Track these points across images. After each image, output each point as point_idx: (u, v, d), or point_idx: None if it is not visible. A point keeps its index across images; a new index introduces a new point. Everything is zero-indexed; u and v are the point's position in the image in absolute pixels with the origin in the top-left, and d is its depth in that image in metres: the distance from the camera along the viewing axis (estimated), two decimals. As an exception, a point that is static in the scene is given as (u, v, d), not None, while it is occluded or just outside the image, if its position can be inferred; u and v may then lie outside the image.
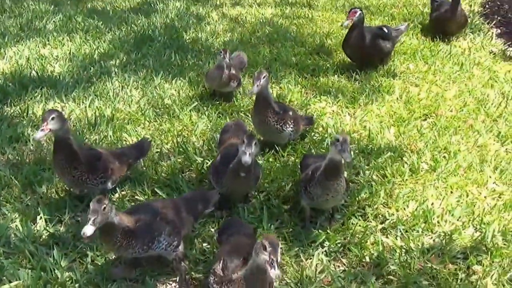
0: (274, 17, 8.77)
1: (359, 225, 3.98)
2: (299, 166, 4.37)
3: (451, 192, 4.37)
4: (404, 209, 4.16)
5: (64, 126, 3.75)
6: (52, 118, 3.63)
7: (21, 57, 6.80)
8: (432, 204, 4.20)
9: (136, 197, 4.22)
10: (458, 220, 4.05)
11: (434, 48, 7.32)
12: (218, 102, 5.69)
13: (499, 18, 8.82)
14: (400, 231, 3.92)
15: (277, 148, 4.79)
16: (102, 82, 6.14)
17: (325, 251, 3.76)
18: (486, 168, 4.68)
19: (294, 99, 5.82)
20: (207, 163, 4.54)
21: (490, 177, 4.57)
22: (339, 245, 3.80)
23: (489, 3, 9.63)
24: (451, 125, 5.34)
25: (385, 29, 6.66)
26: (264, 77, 4.44)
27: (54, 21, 8.19)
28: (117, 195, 4.25)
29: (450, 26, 7.57)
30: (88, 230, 2.91)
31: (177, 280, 3.46)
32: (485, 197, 4.34)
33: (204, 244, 3.75)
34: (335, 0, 9.60)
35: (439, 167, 4.64)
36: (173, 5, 9.28)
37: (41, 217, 3.92)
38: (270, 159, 4.70)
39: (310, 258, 3.68)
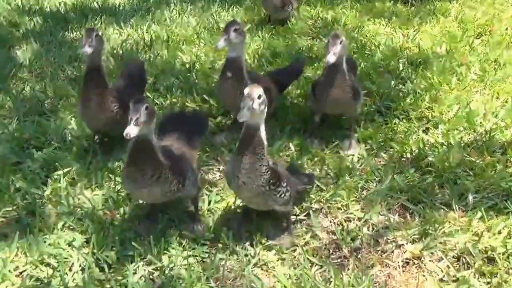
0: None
1: (402, 125, 4.35)
2: None
3: (497, 98, 4.67)
4: (448, 111, 4.49)
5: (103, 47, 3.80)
6: (96, 35, 3.60)
7: (83, -9, 7.40)
8: (477, 107, 4.50)
9: (186, 103, 4.67)
10: (501, 121, 4.35)
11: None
12: (272, 26, 6.14)
13: None
14: (442, 130, 4.26)
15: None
16: (160, 11, 6.69)
17: (367, 148, 4.15)
18: (537, 76, 4.94)
19: (348, 22, 6.18)
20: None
21: (541, 84, 4.84)
22: (381, 143, 4.17)
23: None
24: (504, 40, 5.59)
25: None
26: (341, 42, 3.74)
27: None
28: (168, 101, 4.71)
29: None
30: (132, 130, 2.71)
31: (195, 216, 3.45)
32: (533, 101, 4.61)
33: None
34: None
35: (487, 77, 4.93)
36: None
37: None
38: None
39: (352, 155, 4.06)
